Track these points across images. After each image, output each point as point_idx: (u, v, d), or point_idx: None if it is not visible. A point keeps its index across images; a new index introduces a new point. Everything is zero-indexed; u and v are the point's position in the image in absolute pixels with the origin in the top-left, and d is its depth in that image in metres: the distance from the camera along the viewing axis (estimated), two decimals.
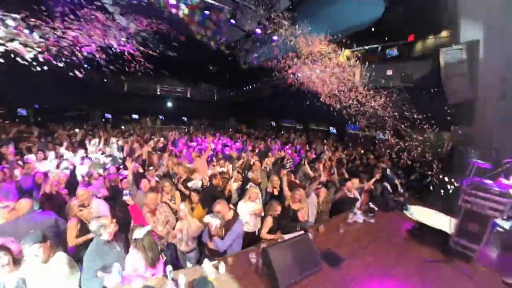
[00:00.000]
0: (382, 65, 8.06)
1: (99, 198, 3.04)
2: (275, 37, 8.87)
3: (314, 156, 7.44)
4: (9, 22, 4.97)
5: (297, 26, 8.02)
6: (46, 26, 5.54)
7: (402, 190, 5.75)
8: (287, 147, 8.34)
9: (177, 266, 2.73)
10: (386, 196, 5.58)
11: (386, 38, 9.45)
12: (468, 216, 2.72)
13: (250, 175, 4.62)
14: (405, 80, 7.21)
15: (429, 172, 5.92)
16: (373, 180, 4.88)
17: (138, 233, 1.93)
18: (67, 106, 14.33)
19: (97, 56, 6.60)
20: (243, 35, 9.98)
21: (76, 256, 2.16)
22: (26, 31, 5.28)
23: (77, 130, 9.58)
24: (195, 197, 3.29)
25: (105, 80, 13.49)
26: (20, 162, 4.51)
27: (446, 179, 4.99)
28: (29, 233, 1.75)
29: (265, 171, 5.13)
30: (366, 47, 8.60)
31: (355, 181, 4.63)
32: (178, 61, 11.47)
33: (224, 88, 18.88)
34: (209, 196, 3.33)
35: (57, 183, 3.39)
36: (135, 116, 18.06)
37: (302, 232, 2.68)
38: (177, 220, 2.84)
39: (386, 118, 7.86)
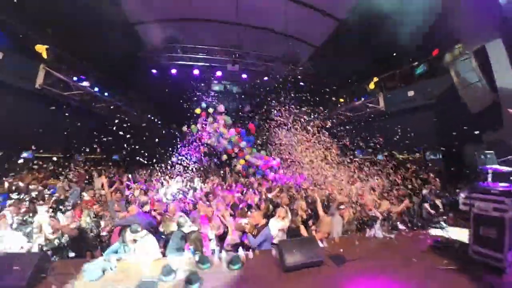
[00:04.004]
0: (403, 88, 8.36)
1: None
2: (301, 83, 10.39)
3: None
4: None
5: None
6: None
7: (442, 210, 5.63)
8: None
9: None
10: (425, 217, 5.63)
11: (411, 59, 9.79)
12: (481, 221, 2.63)
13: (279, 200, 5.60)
14: (428, 98, 7.36)
15: None
16: (400, 208, 4.93)
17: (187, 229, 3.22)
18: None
19: None
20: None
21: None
22: None
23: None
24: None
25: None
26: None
27: None
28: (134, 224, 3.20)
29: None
30: (386, 75, 9.11)
31: (384, 203, 4.95)
32: None
33: None
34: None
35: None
36: None
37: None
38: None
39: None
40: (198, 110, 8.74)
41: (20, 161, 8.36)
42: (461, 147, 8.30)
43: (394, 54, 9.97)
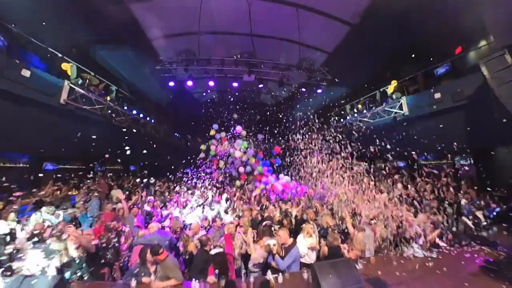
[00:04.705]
0: (427, 90, 7.87)
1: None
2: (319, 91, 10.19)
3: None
4: None
5: None
6: None
7: (486, 222, 5.06)
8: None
9: None
10: (467, 232, 5.11)
11: (432, 59, 9.31)
12: None
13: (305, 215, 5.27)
14: (457, 99, 6.83)
15: None
16: (435, 234, 4.24)
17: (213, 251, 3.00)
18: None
19: None
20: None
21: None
22: None
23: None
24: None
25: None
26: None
27: None
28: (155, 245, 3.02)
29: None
30: (407, 78, 8.67)
31: (421, 217, 4.47)
32: None
33: None
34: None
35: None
36: None
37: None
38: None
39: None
40: (212, 132, 8.52)
41: (43, 173, 8.69)
42: (496, 150, 7.65)
43: (413, 56, 9.64)
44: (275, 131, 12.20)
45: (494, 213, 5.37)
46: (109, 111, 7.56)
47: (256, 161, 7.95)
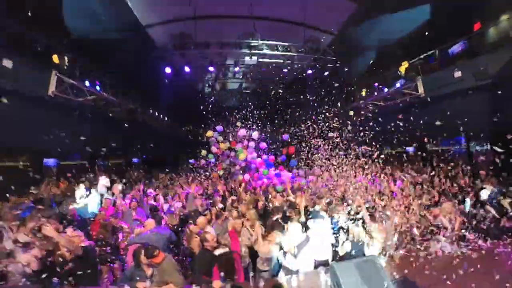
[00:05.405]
0: (446, 69, 7.23)
1: None
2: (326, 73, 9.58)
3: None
4: None
5: None
6: None
7: None
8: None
9: None
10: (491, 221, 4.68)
11: (446, 37, 8.61)
12: None
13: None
14: (481, 78, 6.22)
15: None
16: (458, 223, 3.93)
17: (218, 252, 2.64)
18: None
19: None
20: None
21: None
22: None
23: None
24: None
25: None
26: None
27: None
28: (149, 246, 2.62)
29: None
30: (422, 56, 7.99)
31: (447, 206, 4.09)
32: None
33: None
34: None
35: None
36: None
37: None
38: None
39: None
40: (209, 133, 7.64)
41: (44, 169, 8.48)
42: None
43: (426, 34, 8.92)
44: (281, 120, 11.69)
45: None
46: (103, 102, 7.14)
47: (260, 162, 7.27)
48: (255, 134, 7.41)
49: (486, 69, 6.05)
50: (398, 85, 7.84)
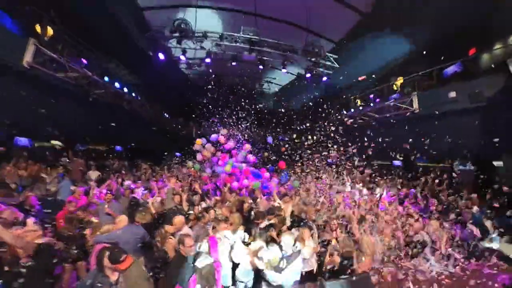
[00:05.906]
0: (442, 88, 7.38)
1: None
2: (324, 78, 9.48)
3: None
4: None
5: None
6: None
7: (494, 235, 4.67)
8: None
9: None
10: (473, 241, 4.70)
11: (442, 58, 8.85)
12: None
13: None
14: (474, 100, 6.35)
15: None
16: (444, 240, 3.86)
17: (200, 262, 2.36)
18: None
19: None
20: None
21: None
22: None
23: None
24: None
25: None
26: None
27: None
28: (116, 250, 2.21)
29: None
30: (419, 73, 8.11)
31: (434, 223, 4.13)
32: None
33: None
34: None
35: None
36: None
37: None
38: None
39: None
40: (198, 141, 7.16)
41: (13, 149, 7.72)
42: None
43: (424, 53, 9.10)
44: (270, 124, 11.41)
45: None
46: (86, 82, 6.56)
47: (245, 171, 6.89)
48: (247, 147, 7.07)
49: (481, 92, 6.18)
50: (392, 99, 7.88)
